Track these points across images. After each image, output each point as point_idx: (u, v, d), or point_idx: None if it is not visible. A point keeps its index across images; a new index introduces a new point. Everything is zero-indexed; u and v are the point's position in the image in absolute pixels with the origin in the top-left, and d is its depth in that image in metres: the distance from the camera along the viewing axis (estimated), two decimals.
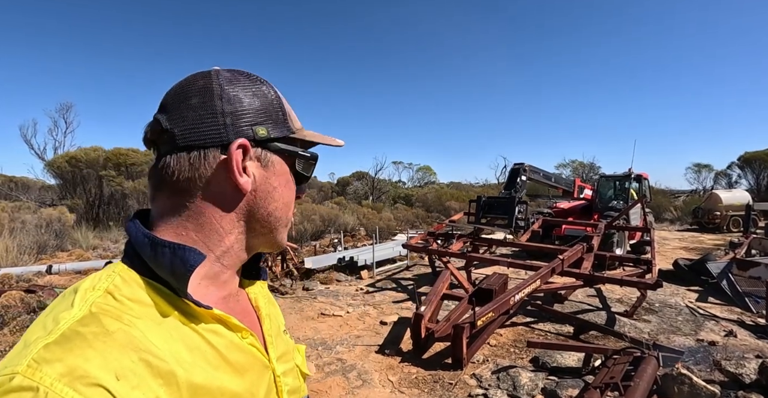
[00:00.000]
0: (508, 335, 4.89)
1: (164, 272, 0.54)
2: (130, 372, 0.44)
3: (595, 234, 6.62)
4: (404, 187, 32.91)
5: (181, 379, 0.49)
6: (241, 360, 0.58)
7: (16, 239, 9.54)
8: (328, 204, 19.89)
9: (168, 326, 0.52)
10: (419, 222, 17.91)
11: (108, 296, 0.51)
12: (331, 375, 3.95)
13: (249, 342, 0.61)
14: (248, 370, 0.59)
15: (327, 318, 5.75)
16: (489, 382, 3.71)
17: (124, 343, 0.46)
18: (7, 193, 18.24)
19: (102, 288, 0.51)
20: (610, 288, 6.78)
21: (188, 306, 0.55)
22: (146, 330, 0.49)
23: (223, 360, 0.56)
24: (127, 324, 0.48)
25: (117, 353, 0.45)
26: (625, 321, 5.35)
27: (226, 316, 0.58)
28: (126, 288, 0.53)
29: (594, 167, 31.00)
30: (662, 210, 20.67)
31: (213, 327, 0.57)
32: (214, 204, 0.59)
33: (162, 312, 0.53)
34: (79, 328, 0.45)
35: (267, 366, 0.64)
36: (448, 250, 6.92)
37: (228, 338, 0.58)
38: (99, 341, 0.45)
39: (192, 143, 0.57)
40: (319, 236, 14.15)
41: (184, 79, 0.62)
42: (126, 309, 0.50)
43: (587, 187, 10.91)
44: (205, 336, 0.55)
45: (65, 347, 0.43)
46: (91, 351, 0.44)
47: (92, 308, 0.48)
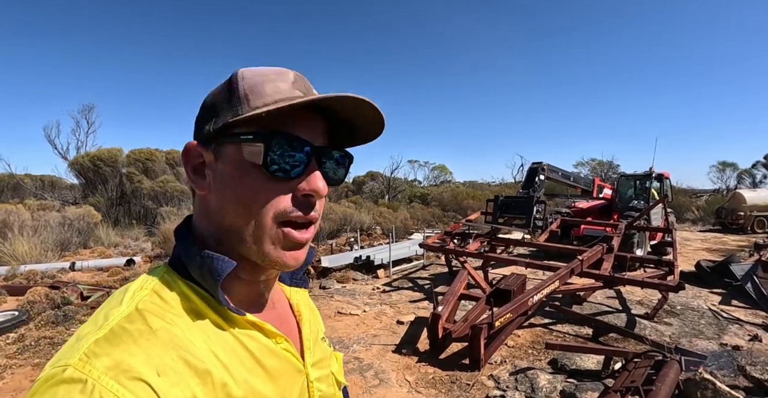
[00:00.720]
0: (526, 336, 4.86)
1: (199, 278, 0.56)
2: (170, 369, 0.46)
3: (615, 235, 6.52)
4: (420, 186, 32.83)
5: (216, 379, 0.50)
6: (275, 364, 0.59)
7: (41, 236, 9.80)
8: (345, 203, 19.97)
9: (206, 327, 0.53)
10: (435, 222, 17.86)
11: (154, 295, 0.53)
12: (348, 374, 3.99)
13: (283, 348, 0.62)
14: (281, 375, 0.60)
15: (344, 317, 5.78)
16: (507, 384, 3.70)
17: (166, 341, 0.48)
18: (34, 192, 18.76)
19: (149, 288, 0.54)
20: (630, 290, 6.68)
21: (225, 310, 0.56)
22: (186, 330, 0.51)
23: (257, 364, 0.56)
24: (170, 323, 0.50)
25: (159, 350, 0.47)
26: (646, 323, 5.26)
27: (261, 322, 0.59)
28: (170, 288, 0.55)
29: (613, 166, 30.43)
30: (684, 210, 20.23)
31: (248, 332, 0.58)
32: (201, 212, 0.60)
33: (201, 313, 0.54)
34: (126, 325, 0.48)
35: (301, 370, 0.65)
36: (465, 250, 6.89)
37: (262, 343, 0.59)
38: (143, 338, 0.47)
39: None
40: (336, 235, 14.21)
41: None
42: (169, 309, 0.52)
43: (607, 187, 10.75)
44: (240, 340, 0.56)
45: (113, 342, 0.46)
46: (136, 348, 0.46)
47: (139, 305, 0.51)
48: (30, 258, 8.88)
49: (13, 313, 5.41)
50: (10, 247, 8.84)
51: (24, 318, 5.32)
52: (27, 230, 10.07)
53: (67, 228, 11.30)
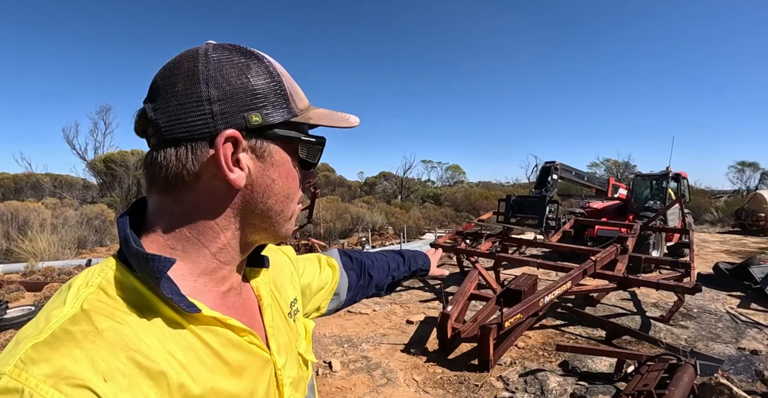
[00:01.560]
0: (536, 337, 4.79)
1: (145, 277, 0.51)
2: (118, 373, 0.43)
3: (629, 235, 6.40)
4: (433, 187, 32.73)
5: (172, 381, 0.47)
6: (239, 358, 0.56)
7: (59, 234, 10.00)
8: (357, 202, 20.01)
9: (161, 324, 0.50)
10: (448, 222, 17.79)
11: (101, 292, 0.49)
12: (356, 373, 3.97)
13: (248, 340, 0.58)
14: (246, 369, 0.57)
15: (353, 316, 5.78)
16: (516, 385, 3.65)
17: (114, 342, 0.45)
18: (52, 191, 19.18)
19: (95, 284, 0.50)
20: (645, 292, 6.55)
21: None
22: (138, 328, 0.47)
23: (219, 360, 0.53)
24: (119, 322, 0.46)
25: (106, 353, 0.43)
26: (661, 326, 5.15)
27: (222, 317, 0.55)
28: (119, 284, 0.50)
29: (629, 166, 29.89)
30: (702, 212, 19.79)
31: (209, 326, 0.54)
32: (206, 201, 0.55)
33: (154, 309, 0.50)
34: (69, 327, 0.44)
35: (268, 360, 0.62)
36: (477, 250, 6.84)
37: (225, 336, 0.55)
38: (88, 340, 0.44)
39: (178, 136, 0.51)
40: (348, 234, 14.25)
41: (173, 58, 0.55)
42: (118, 306, 0.48)
43: (622, 187, 10.56)
44: (200, 336, 0.53)
45: (53, 346, 0.42)
46: (79, 351, 0.42)
47: (84, 304, 0.47)
48: (48, 255, 9.08)
49: (30, 308, 5.54)
50: (30, 244, 9.04)
51: None
52: (46, 228, 10.29)
53: (85, 226, 11.52)
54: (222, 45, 0.55)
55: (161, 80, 0.53)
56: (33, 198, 18.16)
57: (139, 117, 0.55)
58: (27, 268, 8.20)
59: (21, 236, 9.48)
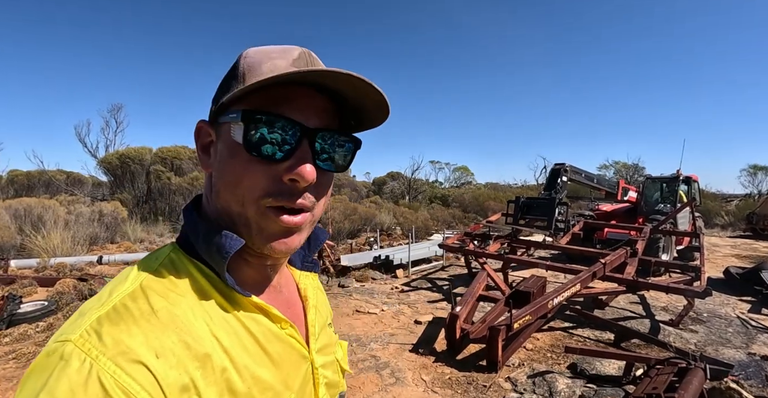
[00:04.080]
0: (545, 339, 4.80)
1: (206, 256, 0.55)
2: (169, 351, 0.46)
3: (639, 239, 6.38)
4: (441, 187, 32.70)
5: (216, 363, 0.49)
6: (278, 350, 0.58)
7: (71, 231, 10.14)
8: (365, 202, 20.05)
9: (209, 308, 0.52)
10: (456, 223, 17.77)
11: (159, 273, 0.53)
12: (365, 372, 4.01)
13: (288, 333, 0.60)
14: (285, 361, 0.59)
15: (362, 316, 5.81)
16: (524, 386, 3.66)
17: (167, 323, 0.48)
18: (64, 188, 19.42)
19: (155, 266, 0.53)
20: (654, 296, 6.52)
21: (230, 292, 0.55)
22: (188, 311, 0.50)
23: (260, 349, 0.55)
24: (172, 303, 0.50)
25: (159, 331, 0.46)
26: (670, 330, 5.13)
27: (266, 306, 0.57)
28: (175, 267, 0.54)
29: (639, 168, 29.61)
30: (713, 215, 19.59)
31: (253, 315, 0.56)
32: (207, 190, 0.60)
33: (205, 294, 0.53)
34: (129, 302, 0.48)
35: (306, 357, 0.64)
36: (485, 251, 6.84)
37: (267, 327, 0.57)
38: (144, 319, 0.47)
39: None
40: (356, 234, 14.29)
41: None
42: (173, 287, 0.51)
43: (632, 189, 10.49)
44: (244, 323, 0.55)
45: (114, 321, 0.46)
46: (136, 328, 0.46)
47: (143, 282, 0.50)
48: (60, 251, 9.20)
49: (42, 303, 5.62)
50: (43, 240, 9.17)
51: (53, 308, 5.52)
52: (59, 224, 10.44)
53: (96, 223, 11.67)
54: None
55: None
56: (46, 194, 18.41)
57: None
58: (40, 264, 8.32)
59: (34, 232, 9.62)
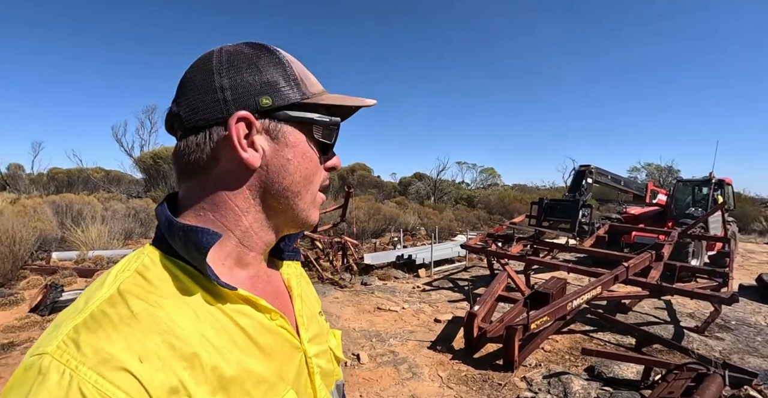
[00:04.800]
0: (564, 342, 4.80)
1: (184, 254, 0.54)
2: (153, 354, 0.45)
3: (666, 243, 6.26)
4: (467, 188, 32.52)
5: (206, 362, 0.49)
6: (270, 342, 0.58)
7: (108, 226, 10.64)
8: (390, 203, 20.17)
9: (194, 306, 0.52)
10: (480, 224, 17.68)
11: (137, 276, 0.52)
12: (383, 366, 4.13)
13: (278, 324, 0.60)
14: (277, 353, 0.59)
15: (383, 313, 5.93)
16: (539, 386, 3.70)
17: (148, 325, 0.47)
18: (102, 185, 20.33)
19: (132, 269, 0.52)
20: (681, 302, 6.39)
21: (215, 287, 0.54)
22: (172, 311, 0.49)
23: (251, 342, 0.55)
24: (153, 305, 0.49)
25: (141, 335, 0.46)
26: (695, 337, 5.04)
27: (254, 297, 0.57)
28: (154, 268, 0.53)
29: (673, 171, 28.67)
30: (750, 221, 18.76)
31: (241, 308, 0.56)
32: (225, 184, 0.58)
33: (188, 292, 0.53)
34: (107, 308, 0.47)
35: (298, 347, 0.64)
36: (507, 252, 6.85)
37: (256, 319, 0.57)
38: (123, 323, 0.46)
39: (196, 124, 0.56)
40: (380, 234, 14.40)
41: (194, 60, 0.61)
42: (153, 289, 0.51)
43: (661, 192, 10.23)
44: (232, 317, 0.55)
45: (92, 328, 0.45)
46: (116, 334, 0.45)
47: (120, 287, 0.49)
48: (98, 244, 9.67)
49: (82, 292, 5.98)
50: (82, 234, 9.67)
51: None
52: (97, 219, 10.97)
53: (131, 219, 12.19)
54: (235, 43, 0.61)
55: (184, 78, 0.59)
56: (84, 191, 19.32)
57: (167, 114, 0.60)
58: (79, 256, 8.79)
59: (74, 226, 10.14)
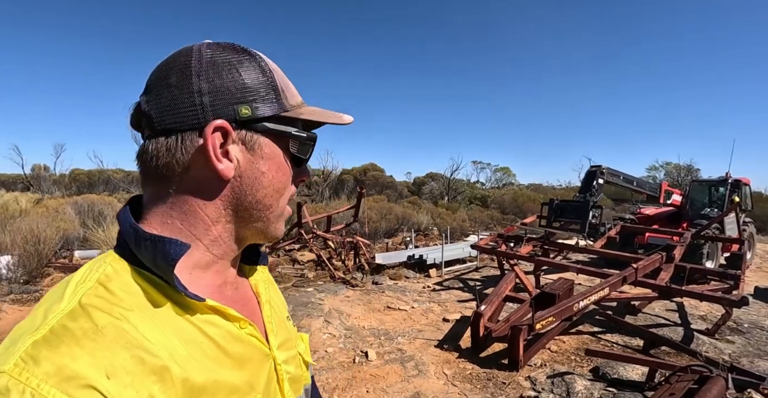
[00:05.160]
0: (571, 342, 4.83)
1: (150, 264, 0.52)
2: (121, 369, 0.43)
3: (678, 244, 6.23)
4: (481, 188, 32.42)
5: (176, 375, 0.47)
6: (240, 351, 0.57)
7: None
8: (403, 203, 20.25)
9: (162, 318, 0.50)
10: (494, 224, 17.64)
11: (99, 287, 0.49)
12: (390, 363, 4.22)
13: (248, 332, 0.59)
14: (248, 361, 0.58)
15: (392, 312, 6.02)
16: (543, 386, 3.75)
17: (114, 339, 0.44)
18: (122, 186, 20.88)
19: (93, 279, 0.50)
20: (693, 304, 6.34)
21: (182, 298, 0.52)
22: (138, 324, 0.47)
23: (221, 352, 0.54)
24: (118, 318, 0.46)
25: (106, 350, 0.43)
26: (705, 339, 5.01)
27: (222, 307, 0.56)
28: (118, 278, 0.51)
29: (692, 170, 28.09)
30: None
31: (209, 318, 0.55)
32: (196, 192, 0.56)
33: (155, 303, 0.51)
34: (68, 323, 0.44)
35: (267, 354, 0.63)
36: (516, 253, 6.88)
37: (225, 329, 0.56)
38: (87, 338, 0.43)
39: (169, 127, 0.53)
40: (393, 234, 14.49)
41: (169, 55, 0.57)
42: (117, 301, 0.48)
43: (676, 192, 10.09)
44: (201, 328, 0.53)
45: (53, 344, 0.42)
46: (79, 350, 0.42)
47: (82, 300, 0.46)
48: None
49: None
50: (103, 233, 9.99)
51: None
52: None
53: None
54: (217, 43, 0.58)
55: (156, 74, 0.56)
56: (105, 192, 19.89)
57: (134, 110, 0.57)
58: (100, 254, 9.10)
59: (96, 226, 10.46)
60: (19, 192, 17.68)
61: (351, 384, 3.82)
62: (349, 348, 4.65)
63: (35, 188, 22.87)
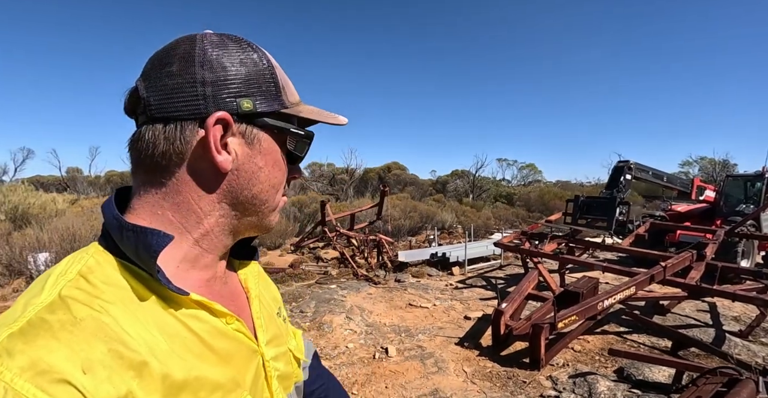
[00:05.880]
0: (595, 342, 4.74)
1: (133, 256, 0.51)
2: (98, 363, 0.42)
3: (710, 242, 6.01)
4: (507, 186, 32.01)
5: (155, 370, 0.46)
6: (225, 346, 0.56)
7: None
8: (427, 201, 20.20)
9: (144, 312, 0.49)
10: (519, 222, 17.40)
11: (80, 279, 0.48)
12: (410, 360, 4.25)
13: (235, 328, 0.58)
14: (234, 357, 0.57)
15: (414, 309, 6.04)
16: (564, 386, 3.70)
17: (93, 332, 0.43)
18: None
19: (74, 271, 0.49)
20: (727, 305, 6.10)
21: (166, 291, 0.51)
22: (119, 317, 0.46)
23: (205, 348, 0.53)
24: (98, 311, 0.45)
25: (84, 343, 0.42)
26: (737, 341, 4.82)
27: (208, 301, 0.55)
28: (100, 270, 0.50)
29: (728, 165, 26.92)
30: None
31: (194, 313, 0.53)
32: (191, 183, 0.55)
33: (138, 296, 0.49)
34: (46, 315, 0.43)
35: (255, 351, 0.62)
36: (540, 250, 6.78)
37: (211, 324, 0.55)
38: (65, 330, 0.42)
39: (168, 115, 0.52)
40: (417, 232, 14.49)
41: (171, 42, 0.56)
42: (99, 293, 0.47)
43: (709, 188, 9.69)
44: (185, 323, 0.52)
45: (29, 337, 0.41)
46: (56, 342, 0.41)
47: (62, 292, 0.46)
48: None
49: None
50: None
51: None
52: None
53: None
54: (221, 34, 0.57)
55: (157, 60, 0.55)
56: None
57: (129, 95, 0.56)
58: None
59: None
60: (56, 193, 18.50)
61: (370, 380, 3.86)
62: (369, 344, 4.69)
63: (71, 189, 23.92)
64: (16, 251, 7.18)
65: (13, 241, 7.45)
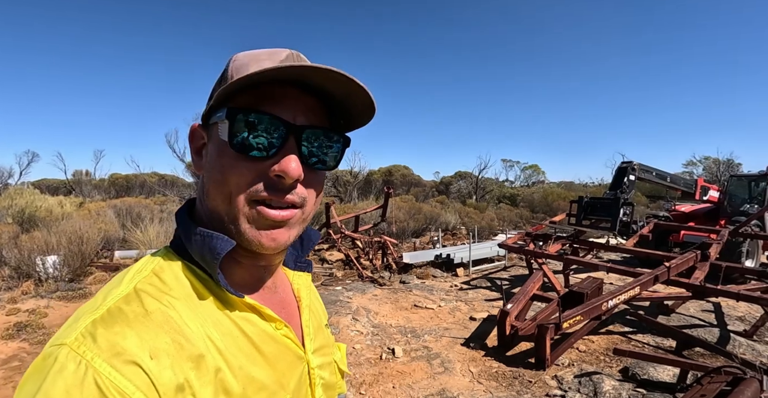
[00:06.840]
0: (600, 342, 4.77)
1: (198, 258, 0.56)
2: (163, 352, 0.47)
3: (714, 242, 6.03)
4: (510, 187, 31.99)
5: (210, 364, 0.50)
6: (273, 350, 0.59)
7: (164, 226, 11.40)
8: (431, 202, 20.23)
9: (204, 310, 0.54)
10: (523, 223, 17.41)
11: (153, 276, 0.54)
12: (417, 360, 4.29)
13: (283, 333, 0.61)
14: (280, 361, 0.60)
15: (419, 310, 6.08)
16: (569, 385, 3.73)
17: (161, 324, 0.49)
18: (157, 189, 21.75)
19: (149, 269, 0.55)
20: (731, 305, 6.12)
21: (223, 293, 0.56)
22: (183, 312, 0.51)
23: (255, 349, 0.56)
24: (166, 305, 0.51)
25: (152, 333, 0.47)
26: (742, 341, 4.84)
27: (260, 306, 0.58)
28: (169, 270, 0.55)
29: (733, 165, 26.80)
30: None
31: (247, 316, 0.58)
32: (200, 192, 0.61)
33: (199, 296, 0.55)
34: (123, 306, 0.49)
35: (301, 357, 0.65)
36: (544, 251, 6.81)
37: (261, 327, 0.58)
38: (138, 321, 0.48)
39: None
40: (421, 233, 14.52)
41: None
42: (167, 290, 0.53)
43: (713, 188, 9.68)
44: (238, 324, 0.56)
45: (108, 323, 0.47)
46: (129, 330, 0.46)
47: (137, 286, 0.52)
48: (155, 244, 10.39)
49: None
50: (141, 234, 10.43)
51: None
52: (154, 220, 11.80)
53: None
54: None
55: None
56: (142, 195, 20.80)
57: None
58: (138, 254, 9.53)
59: (134, 227, 10.93)
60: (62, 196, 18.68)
61: (378, 380, 3.90)
62: (376, 345, 4.74)
63: (77, 192, 24.10)
64: (24, 254, 7.25)
65: (22, 244, 7.52)
